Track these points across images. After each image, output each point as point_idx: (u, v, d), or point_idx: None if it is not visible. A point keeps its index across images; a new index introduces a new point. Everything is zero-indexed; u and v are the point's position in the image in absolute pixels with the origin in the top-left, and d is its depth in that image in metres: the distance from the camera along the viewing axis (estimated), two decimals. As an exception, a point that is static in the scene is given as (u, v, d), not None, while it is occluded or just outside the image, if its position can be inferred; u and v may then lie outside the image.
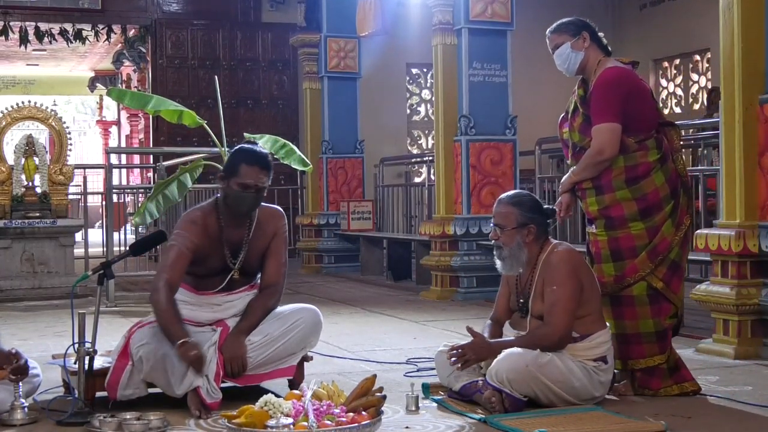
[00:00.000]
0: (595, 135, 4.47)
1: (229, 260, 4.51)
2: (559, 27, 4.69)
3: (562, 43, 4.63)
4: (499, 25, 8.82)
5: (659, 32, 14.60)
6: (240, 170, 4.42)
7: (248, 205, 4.47)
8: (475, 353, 4.25)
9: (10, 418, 4.03)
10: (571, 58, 4.62)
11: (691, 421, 4.00)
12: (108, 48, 18.85)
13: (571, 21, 4.69)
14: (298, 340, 4.46)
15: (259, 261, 4.60)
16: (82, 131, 29.38)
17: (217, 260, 4.50)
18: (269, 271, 4.58)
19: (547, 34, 4.72)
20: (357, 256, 11.89)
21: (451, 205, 8.93)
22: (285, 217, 4.70)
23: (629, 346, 4.48)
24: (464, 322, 7.15)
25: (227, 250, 4.50)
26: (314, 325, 4.53)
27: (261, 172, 4.44)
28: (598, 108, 4.48)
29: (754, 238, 5.39)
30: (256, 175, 4.42)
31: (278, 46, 14.58)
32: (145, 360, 4.24)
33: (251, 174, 4.41)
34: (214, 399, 4.19)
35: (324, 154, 12.05)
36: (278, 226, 4.63)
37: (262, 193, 4.47)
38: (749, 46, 5.47)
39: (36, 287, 9.24)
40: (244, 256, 4.53)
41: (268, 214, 4.64)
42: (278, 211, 4.70)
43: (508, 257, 4.37)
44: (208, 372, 4.21)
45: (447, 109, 8.93)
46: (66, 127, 9.83)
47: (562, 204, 4.70)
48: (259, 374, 4.42)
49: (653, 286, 4.49)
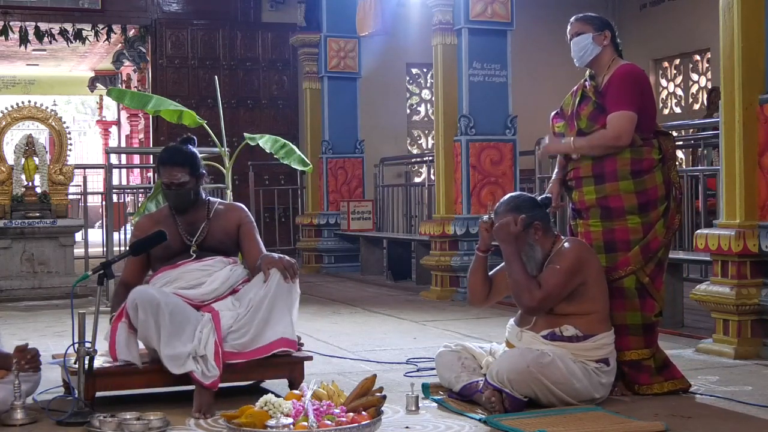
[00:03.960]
0: (614, 120, 4.53)
1: (186, 238, 4.65)
2: (585, 18, 4.80)
3: (583, 32, 4.71)
4: (499, 25, 8.82)
5: (659, 32, 14.60)
6: (160, 170, 4.69)
7: (173, 200, 4.69)
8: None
9: (10, 418, 4.03)
10: (588, 49, 4.70)
11: (691, 421, 4.00)
12: (108, 48, 18.85)
13: (597, 16, 4.83)
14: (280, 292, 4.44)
15: (223, 241, 4.71)
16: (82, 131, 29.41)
17: (173, 241, 4.60)
18: (253, 251, 4.70)
19: (571, 21, 4.81)
20: (357, 256, 11.90)
21: (451, 205, 8.93)
22: (247, 210, 4.87)
23: (616, 338, 4.47)
24: (464, 322, 7.18)
25: (183, 231, 4.66)
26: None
27: (174, 169, 4.63)
28: (618, 96, 4.56)
29: (754, 238, 5.39)
30: (169, 173, 4.63)
31: (278, 46, 14.57)
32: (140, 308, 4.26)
33: (165, 173, 4.65)
34: (211, 378, 4.21)
35: (324, 154, 12.05)
36: (241, 216, 4.79)
37: (183, 188, 4.63)
38: (749, 45, 5.47)
39: (36, 287, 9.24)
40: (204, 233, 4.66)
41: (229, 206, 4.87)
42: (239, 205, 4.94)
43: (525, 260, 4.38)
44: (206, 352, 4.26)
45: (447, 109, 8.93)
46: (66, 127, 9.82)
47: (552, 193, 4.74)
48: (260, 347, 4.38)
49: (640, 280, 4.55)
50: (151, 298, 4.28)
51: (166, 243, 4.54)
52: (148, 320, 4.25)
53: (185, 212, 4.70)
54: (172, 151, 4.76)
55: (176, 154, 4.72)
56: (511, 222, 4.34)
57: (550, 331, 4.27)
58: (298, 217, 12.95)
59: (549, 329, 4.28)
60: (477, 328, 6.81)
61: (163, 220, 4.72)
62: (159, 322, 4.24)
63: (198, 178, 4.69)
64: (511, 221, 4.34)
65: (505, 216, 4.39)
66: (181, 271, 4.57)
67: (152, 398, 4.47)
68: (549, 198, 4.62)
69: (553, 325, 4.28)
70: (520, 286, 4.28)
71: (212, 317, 4.39)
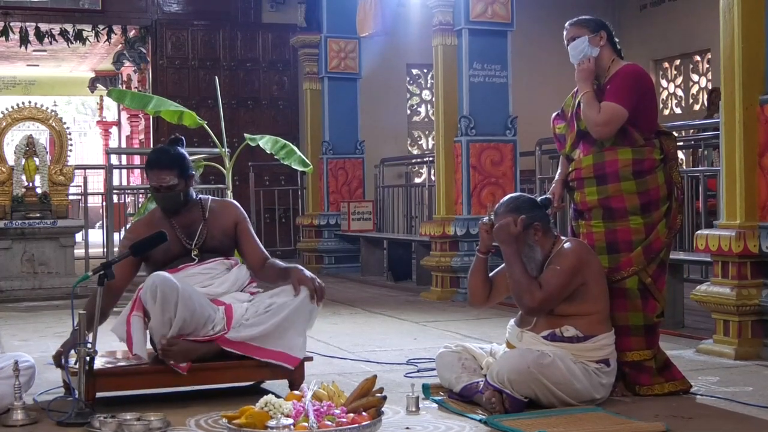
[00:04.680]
0: (608, 108, 4.53)
1: (185, 242, 4.62)
2: (579, 21, 4.77)
3: (579, 35, 4.70)
4: (500, 26, 8.82)
5: (659, 33, 14.60)
6: (148, 174, 4.63)
7: (163, 203, 4.66)
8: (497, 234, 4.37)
9: (10, 418, 4.03)
10: (586, 52, 4.68)
11: (691, 421, 4.00)
12: (108, 48, 18.85)
13: (591, 18, 4.80)
14: (303, 310, 4.45)
15: (222, 240, 4.69)
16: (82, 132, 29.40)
17: (172, 244, 4.57)
18: (254, 251, 4.72)
19: (565, 26, 4.79)
20: (357, 256, 11.89)
21: (452, 205, 8.93)
22: (239, 206, 4.85)
23: (617, 339, 4.47)
24: (465, 323, 7.18)
25: (181, 233, 4.62)
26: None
27: (161, 173, 4.58)
28: (615, 92, 4.56)
29: (754, 239, 5.39)
30: (157, 177, 4.59)
31: (278, 46, 14.57)
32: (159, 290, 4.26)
33: (154, 176, 4.61)
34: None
35: (324, 155, 12.05)
36: (236, 213, 4.77)
37: (172, 191, 4.60)
38: (749, 46, 5.47)
39: (36, 288, 9.24)
40: (203, 235, 4.63)
41: (222, 204, 4.85)
42: (231, 201, 4.93)
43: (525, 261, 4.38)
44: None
45: (447, 110, 8.93)
46: (66, 127, 9.83)
47: (555, 194, 4.74)
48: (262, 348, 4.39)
49: (643, 281, 4.55)
50: (173, 283, 4.28)
51: (165, 246, 4.51)
52: (167, 302, 4.25)
53: (177, 214, 4.67)
54: (159, 153, 4.71)
55: (163, 156, 4.66)
56: (511, 223, 4.34)
57: (551, 332, 4.27)
58: (298, 217, 12.96)
59: (549, 330, 4.28)
60: (477, 329, 6.81)
61: (158, 223, 4.66)
62: (179, 302, 4.26)
63: (187, 179, 4.65)
64: (511, 222, 4.34)
65: (504, 217, 4.39)
66: (183, 275, 4.53)
67: (152, 399, 4.47)
68: (548, 199, 4.62)
69: (553, 326, 4.28)
70: (521, 287, 4.28)
71: (225, 310, 4.42)
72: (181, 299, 4.27)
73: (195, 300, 4.34)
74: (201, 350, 4.36)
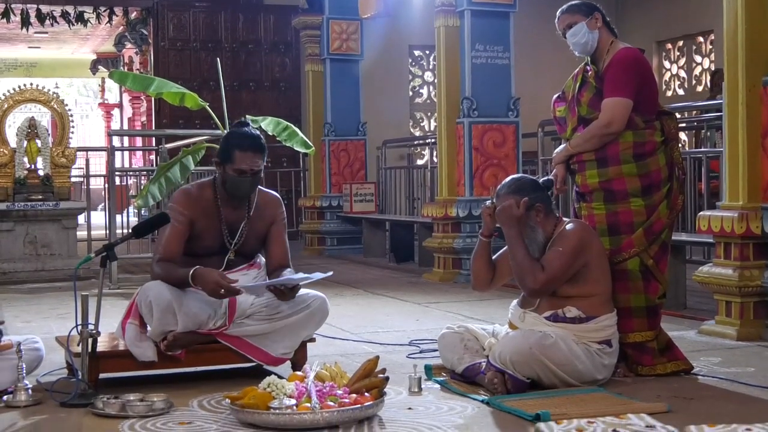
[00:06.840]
0: (606, 107, 4.53)
1: (227, 239, 4.53)
2: (571, 7, 4.73)
3: (575, 22, 4.67)
4: (502, 7, 8.80)
5: (662, 14, 14.55)
6: (234, 156, 4.42)
7: (245, 189, 4.49)
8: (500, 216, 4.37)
9: (14, 399, 4.05)
10: (588, 37, 4.65)
11: (693, 402, 4.01)
12: (110, 30, 18.82)
13: (581, 2, 4.75)
14: (304, 319, 4.46)
15: (257, 244, 4.63)
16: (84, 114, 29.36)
17: (214, 238, 4.51)
18: (277, 253, 4.62)
19: (557, 15, 4.76)
20: (359, 238, 11.90)
21: (454, 187, 8.93)
22: (283, 204, 4.73)
23: (620, 320, 4.47)
24: (467, 304, 7.19)
25: (225, 229, 4.52)
26: (321, 312, 4.53)
27: (255, 156, 4.44)
28: (613, 83, 4.54)
29: (756, 220, 5.38)
30: (250, 160, 4.42)
31: (280, 28, 14.55)
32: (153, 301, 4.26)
33: (245, 159, 4.41)
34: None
35: (326, 137, 12.04)
36: (277, 213, 4.65)
37: (258, 176, 4.48)
38: (753, 27, 5.45)
39: (39, 270, 9.25)
40: (243, 237, 4.54)
41: (267, 199, 4.66)
42: (277, 198, 4.72)
43: (527, 243, 4.38)
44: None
45: (449, 91, 8.91)
46: (68, 109, 9.82)
47: (557, 177, 4.73)
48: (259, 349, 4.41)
49: (645, 262, 4.55)
50: (167, 297, 4.27)
51: (210, 237, 4.46)
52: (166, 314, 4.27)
53: (234, 206, 4.52)
54: (251, 137, 4.47)
55: (256, 140, 4.46)
56: (514, 204, 4.33)
57: (553, 313, 4.28)
58: (300, 199, 12.96)
59: (552, 311, 4.28)
60: (480, 310, 6.82)
61: (206, 206, 4.51)
62: (177, 315, 4.27)
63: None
64: (513, 204, 4.34)
65: (507, 198, 4.38)
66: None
67: (155, 380, 4.48)
68: (550, 180, 4.62)
69: (555, 307, 4.28)
70: (524, 268, 4.28)
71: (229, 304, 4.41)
72: (179, 311, 4.26)
73: (192, 305, 4.31)
74: (200, 341, 4.39)
